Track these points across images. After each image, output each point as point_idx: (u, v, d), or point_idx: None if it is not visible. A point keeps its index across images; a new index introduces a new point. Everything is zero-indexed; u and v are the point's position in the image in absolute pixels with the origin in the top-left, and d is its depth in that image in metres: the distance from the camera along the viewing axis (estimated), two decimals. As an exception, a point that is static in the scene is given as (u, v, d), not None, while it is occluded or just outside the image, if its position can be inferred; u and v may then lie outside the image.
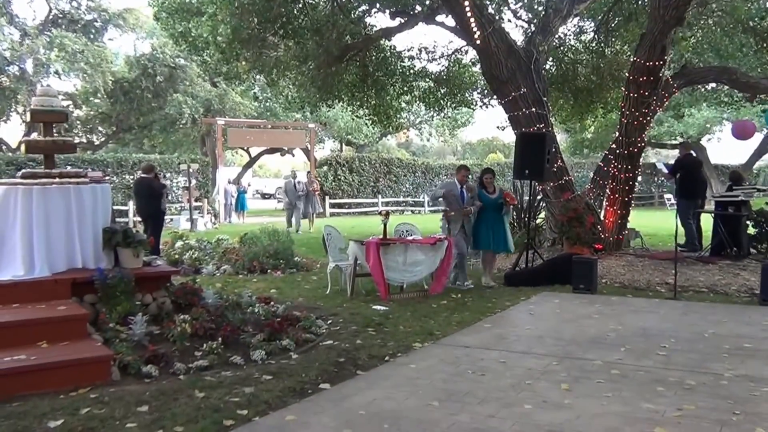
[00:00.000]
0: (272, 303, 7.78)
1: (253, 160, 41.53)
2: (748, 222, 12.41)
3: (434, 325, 7.42)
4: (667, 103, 15.42)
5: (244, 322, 6.70)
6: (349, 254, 9.55)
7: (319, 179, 28.53)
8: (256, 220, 25.87)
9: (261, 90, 33.39)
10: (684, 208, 12.69)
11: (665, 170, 13.81)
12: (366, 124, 26.47)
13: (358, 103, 18.33)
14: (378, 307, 8.38)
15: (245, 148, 39.67)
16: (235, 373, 5.46)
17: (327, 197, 30.25)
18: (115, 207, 18.73)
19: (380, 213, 9.73)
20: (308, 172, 24.05)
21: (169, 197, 13.06)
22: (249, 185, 40.61)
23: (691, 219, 12.77)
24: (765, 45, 14.70)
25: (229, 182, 28.98)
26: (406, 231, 10.36)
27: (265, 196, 50.64)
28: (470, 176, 10.71)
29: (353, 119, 31.66)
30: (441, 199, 10.34)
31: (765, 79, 14.63)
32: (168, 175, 27.17)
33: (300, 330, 6.77)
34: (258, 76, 19.92)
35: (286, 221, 20.58)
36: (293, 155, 43.15)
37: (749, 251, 12.32)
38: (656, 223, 20.26)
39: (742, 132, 12.24)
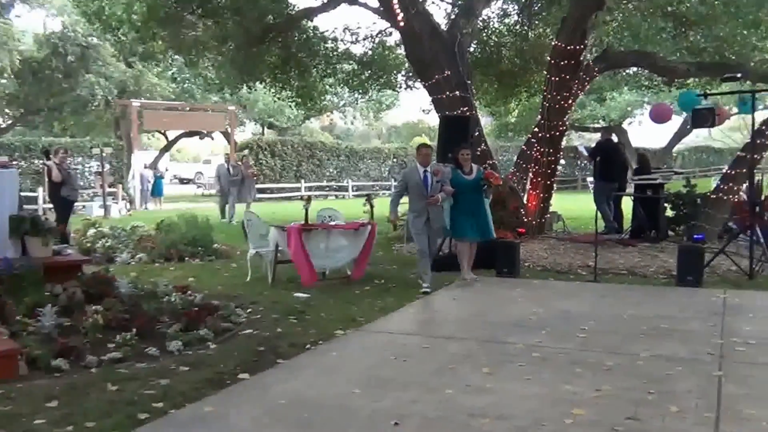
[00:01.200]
0: (190, 292, 7.68)
1: (170, 144, 40.57)
2: (666, 204, 12.94)
3: (357, 311, 7.45)
4: (588, 86, 15.87)
5: (160, 312, 6.58)
6: (270, 240, 9.47)
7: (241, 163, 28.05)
8: (174, 206, 25.35)
9: (179, 71, 32.60)
10: (600, 191, 13.11)
11: (585, 153, 14.27)
12: (289, 106, 26.25)
13: (280, 85, 18.13)
14: (299, 295, 8.35)
15: (162, 132, 38.72)
16: (150, 365, 5.35)
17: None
18: (23, 193, 18.02)
19: (302, 198, 9.59)
20: (243, 156, 23.19)
21: (68, 182, 12.58)
22: (166, 170, 39.62)
23: (605, 202, 13.22)
24: (683, 30, 15.26)
25: (145, 167, 28.27)
26: (329, 216, 10.34)
27: (183, 181, 49.51)
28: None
29: (275, 101, 31.35)
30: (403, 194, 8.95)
31: (683, 64, 15.22)
32: (80, 159, 26.28)
33: (218, 319, 6.68)
34: (176, 57, 19.42)
35: (220, 210, 19.23)
36: (213, 138, 42.32)
37: (667, 233, 12.85)
38: (579, 206, 20.84)
39: (659, 115, 12.69)
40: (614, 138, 16.83)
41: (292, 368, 5.35)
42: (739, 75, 10.40)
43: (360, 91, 20.64)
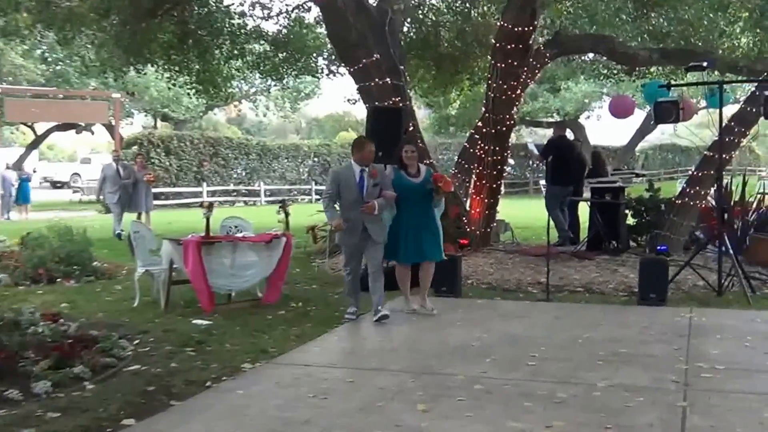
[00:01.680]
0: (62, 321, 7.47)
1: (39, 139, 39.58)
2: (627, 211, 13.33)
3: (268, 341, 7.42)
4: (539, 74, 16.26)
5: (24, 346, 6.38)
6: (162, 256, 9.33)
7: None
8: (44, 215, 24.66)
9: (50, 50, 31.80)
10: (552, 195, 13.41)
11: (536, 152, 14.59)
12: (187, 94, 25.94)
13: (177, 68, 17.94)
14: (199, 322, 8.27)
15: (29, 124, 37.71)
16: (10, 412, 5.19)
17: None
18: None
19: (202, 205, 9.46)
20: (138, 155, 21.83)
21: None
22: (34, 171, 38.61)
23: (559, 208, 13.53)
24: (644, 11, 15.79)
25: (8, 167, 27.51)
26: (235, 227, 10.25)
27: (56, 184, 48.30)
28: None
29: (170, 88, 30.88)
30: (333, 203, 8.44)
31: (644, 50, 15.74)
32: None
33: (98, 353, 6.53)
34: (46, 33, 18.94)
35: (114, 221, 17.63)
36: (93, 133, 41.52)
37: (629, 244, 13.23)
38: (530, 213, 21.23)
39: (619, 109, 13.14)
40: (569, 134, 17.27)
41: (189, 411, 5.28)
42: (705, 63, 10.82)
43: (273, 76, 20.60)
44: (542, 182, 40.31)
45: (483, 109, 13.99)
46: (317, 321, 8.39)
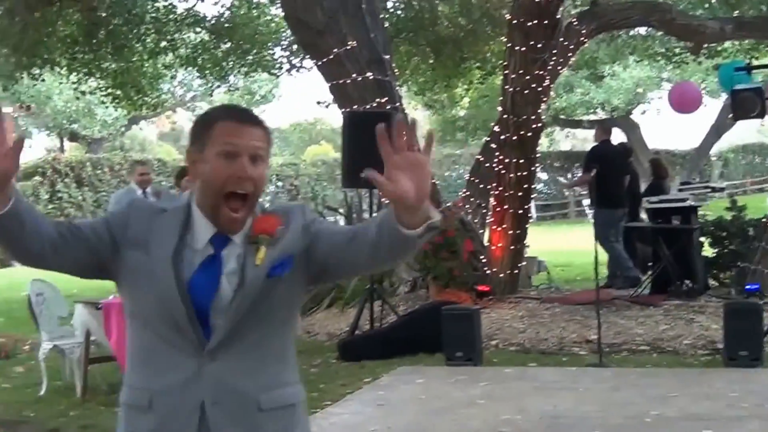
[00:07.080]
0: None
1: None
2: (702, 239, 13.23)
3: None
4: (574, 58, 16.21)
5: None
6: (76, 326, 9.26)
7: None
8: None
9: None
10: (603, 223, 13.33)
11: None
12: (102, 103, 25.89)
13: (86, 69, 17.90)
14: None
15: None
16: None
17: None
18: None
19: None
20: (184, 170, 15.53)
21: None
22: None
23: (614, 238, 13.45)
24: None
25: None
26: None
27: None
28: None
29: (79, 97, 30.89)
30: None
31: (714, 20, 15.71)
32: None
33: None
34: None
35: None
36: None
37: (707, 283, 13.12)
38: (572, 245, 21.13)
39: (682, 101, 13.07)
40: (618, 137, 17.20)
41: None
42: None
43: (216, 75, 20.58)
44: (586, 202, 40.09)
45: (500, 108, 13.93)
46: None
